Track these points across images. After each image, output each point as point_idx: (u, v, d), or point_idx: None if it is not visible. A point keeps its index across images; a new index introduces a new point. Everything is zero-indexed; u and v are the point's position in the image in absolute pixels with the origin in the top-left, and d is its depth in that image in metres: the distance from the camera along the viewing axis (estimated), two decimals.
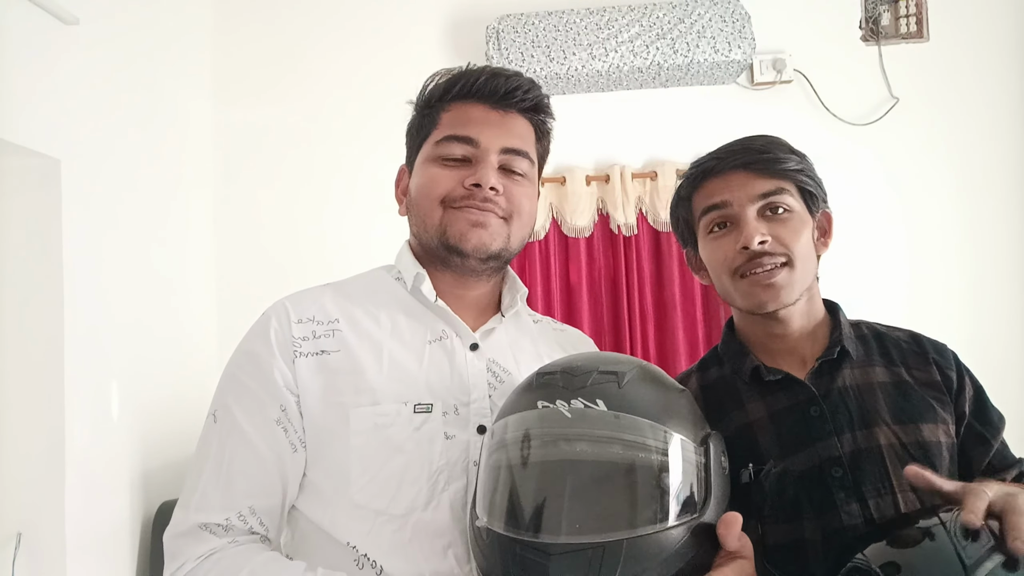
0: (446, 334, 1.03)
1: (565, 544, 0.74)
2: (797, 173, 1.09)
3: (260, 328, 1.00)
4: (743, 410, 1.09)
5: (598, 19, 2.64)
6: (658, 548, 0.75)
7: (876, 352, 1.10)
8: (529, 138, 1.08)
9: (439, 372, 1.00)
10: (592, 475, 0.77)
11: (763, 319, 1.09)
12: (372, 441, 0.93)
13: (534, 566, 0.74)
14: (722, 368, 1.15)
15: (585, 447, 0.78)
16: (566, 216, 2.78)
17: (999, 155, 2.80)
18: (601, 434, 0.79)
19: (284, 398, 0.95)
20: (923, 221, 2.79)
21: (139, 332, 2.23)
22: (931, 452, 1.01)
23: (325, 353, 0.98)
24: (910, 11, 2.83)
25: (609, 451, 0.78)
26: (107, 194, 2.11)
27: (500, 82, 1.03)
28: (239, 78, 2.87)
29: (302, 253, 2.76)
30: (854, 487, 1.00)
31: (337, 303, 1.03)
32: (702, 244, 1.14)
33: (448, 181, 1.01)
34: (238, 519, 0.92)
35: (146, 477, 2.23)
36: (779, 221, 1.06)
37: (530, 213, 1.07)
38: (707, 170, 1.11)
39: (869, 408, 1.04)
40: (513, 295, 1.12)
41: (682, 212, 1.17)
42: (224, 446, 0.94)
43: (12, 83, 1.76)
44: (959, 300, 2.73)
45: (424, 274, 1.04)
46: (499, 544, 0.79)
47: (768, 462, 1.04)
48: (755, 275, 1.05)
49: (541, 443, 0.81)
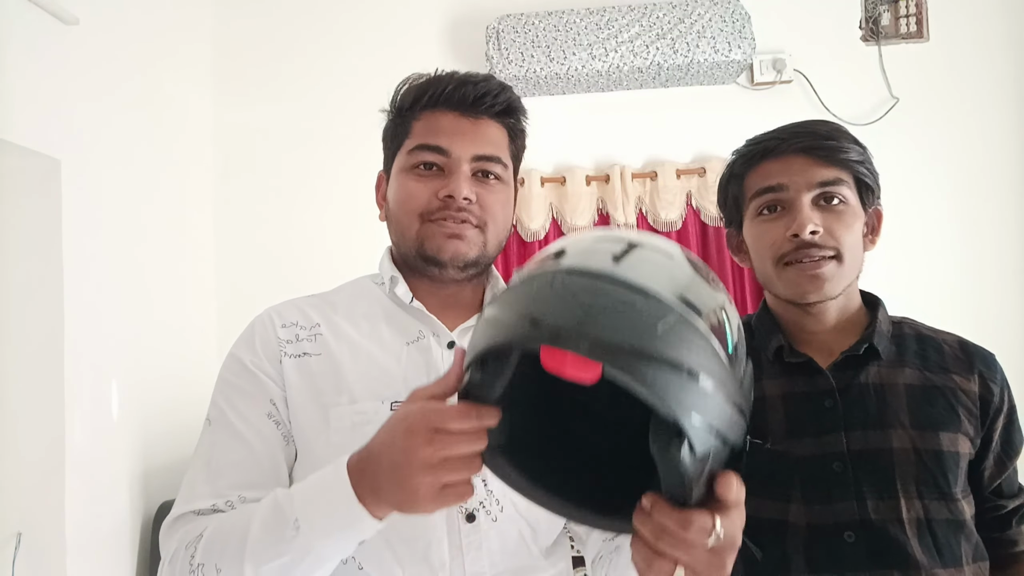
0: (423, 334, 1.04)
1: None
2: (858, 164, 1.06)
3: (246, 336, 1.03)
4: (758, 384, 1.07)
5: (598, 19, 2.63)
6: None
7: (911, 353, 1.07)
8: (502, 142, 1.07)
9: (416, 371, 1.00)
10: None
11: (798, 310, 1.08)
12: (351, 439, 0.91)
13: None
14: (751, 340, 1.13)
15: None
16: (566, 216, 2.78)
17: (999, 155, 2.80)
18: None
19: (273, 393, 0.98)
20: (923, 221, 2.78)
21: (139, 332, 2.23)
22: (945, 462, 1.00)
23: (307, 355, 1.00)
24: (910, 11, 2.83)
25: None
26: (107, 194, 2.11)
27: (469, 89, 1.03)
28: (239, 78, 2.87)
29: (302, 253, 2.76)
30: (854, 485, 0.99)
31: (318, 310, 1.06)
32: (749, 225, 1.11)
33: (423, 194, 1.02)
34: (225, 504, 0.92)
35: (146, 477, 2.23)
36: (833, 212, 1.04)
37: (505, 217, 1.07)
38: (767, 150, 1.08)
39: (888, 409, 1.02)
40: (495, 294, 1.10)
41: (733, 189, 1.14)
42: (215, 444, 0.96)
43: (12, 83, 1.76)
44: (958, 300, 2.72)
45: (399, 277, 1.06)
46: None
47: (767, 440, 1.04)
48: (801, 264, 1.03)
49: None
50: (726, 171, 1.15)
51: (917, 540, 0.98)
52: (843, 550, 0.98)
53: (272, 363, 0.99)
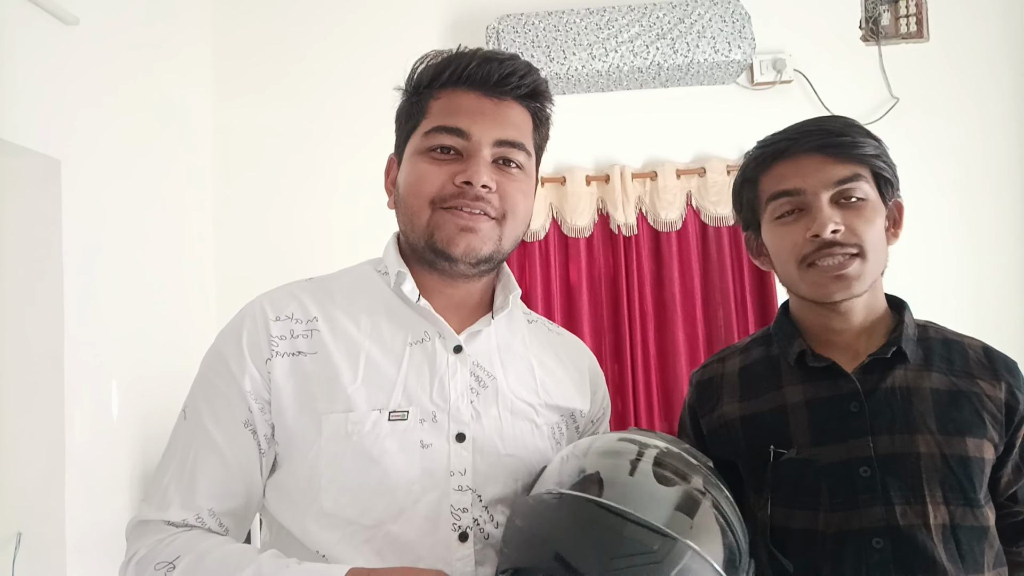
0: (428, 336, 0.97)
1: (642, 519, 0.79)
2: (874, 159, 1.04)
3: (234, 330, 0.96)
4: (780, 391, 1.06)
5: (598, 19, 2.63)
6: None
7: (937, 357, 1.05)
8: (526, 127, 0.99)
9: (418, 376, 0.94)
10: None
11: (823, 309, 1.06)
12: (344, 449, 0.90)
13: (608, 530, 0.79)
14: (769, 349, 1.12)
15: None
16: (566, 216, 2.78)
17: (999, 155, 2.80)
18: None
19: (252, 399, 0.93)
20: (923, 221, 2.78)
21: (139, 332, 2.23)
22: (971, 467, 0.98)
23: (301, 354, 0.94)
24: (910, 11, 2.83)
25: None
26: (107, 194, 2.11)
27: (494, 67, 0.95)
28: (239, 78, 2.87)
29: (302, 253, 2.76)
30: (881, 490, 0.98)
31: (317, 301, 0.98)
32: (767, 229, 1.08)
33: (437, 179, 0.94)
34: (195, 520, 0.91)
35: (146, 477, 2.23)
36: (853, 209, 1.01)
37: (525, 210, 0.99)
38: (778, 151, 1.05)
39: (915, 413, 1.00)
40: (506, 295, 1.04)
41: (747, 194, 1.11)
42: (189, 447, 0.93)
43: (12, 83, 1.76)
44: (958, 300, 2.72)
45: (406, 272, 0.98)
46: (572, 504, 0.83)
47: (792, 448, 1.02)
48: (825, 264, 1.01)
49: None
50: (739, 175, 1.13)
51: (943, 546, 0.96)
52: (872, 557, 0.97)
53: (257, 363, 0.93)
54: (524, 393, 1.01)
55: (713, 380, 1.17)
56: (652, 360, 2.73)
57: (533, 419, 1.00)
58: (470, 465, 0.92)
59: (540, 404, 1.02)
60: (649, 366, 2.72)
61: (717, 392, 1.15)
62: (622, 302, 2.74)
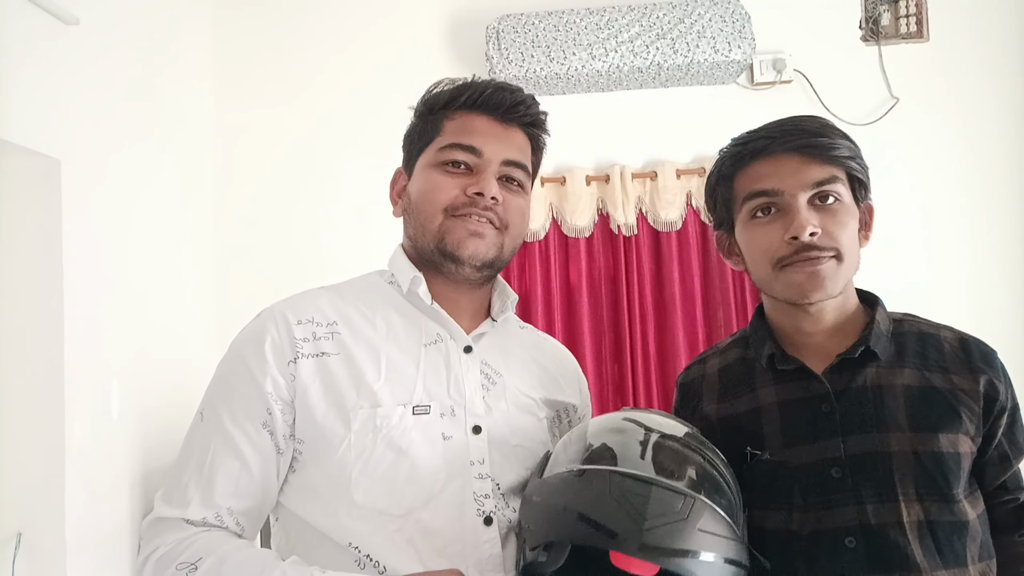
0: (441, 337, 1.06)
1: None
2: (850, 160, 1.03)
3: (255, 334, 1.01)
4: (754, 393, 1.07)
5: (598, 19, 2.63)
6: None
7: (911, 353, 1.05)
8: (527, 151, 1.12)
9: (435, 374, 1.03)
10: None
11: (794, 311, 1.06)
12: (373, 442, 0.96)
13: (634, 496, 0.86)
14: (746, 350, 1.13)
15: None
16: (566, 216, 2.78)
17: (999, 155, 2.80)
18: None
19: (273, 401, 0.97)
20: (923, 221, 2.79)
21: (139, 332, 2.23)
22: (945, 463, 0.98)
23: (325, 355, 1.00)
24: (910, 11, 2.83)
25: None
26: (107, 194, 2.11)
27: (505, 96, 1.08)
28: (239, 79, 2.87)
29: (302, 254, 2.76)
30: (852, 490, 0.98)
31: (334, 305, 1.06)
32: (741, 228, 1.08)
33: (451, 189, 1.04)
34: (215, 518, 0.95)
35: (146, 477, 2.23)
36: (829, 212, 1.01)
37: (522, 225, 1.11)
38: (756, 150, 1.04)
39: (886, 411, 1.00)
40: (504, 301, 1.15)
41: (722, 192, 1.10)
42: (208, 447, 0.97)
43: (12, 83, 1.76)
44: (959, 300, 2.72)
45: (421, 277, 1.07)
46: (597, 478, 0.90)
47: (766, 449, 1.03)
48: (801, 264, 1.00)
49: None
50: (713, 172, 1.12)
51: (918, 543, 0.97)
52: (845, 556, 0.98)
53: (281, 367, 0.98)
54: (526, 389, 1.12)
55: (695, 382, 1.19)
56: (652, 360, 2.73)
57: (535, 412, 1.11)
58: (487, 455, 1.01)
59: (540, 399, 1.13)
60: (649, 366, 2.72)
61: (698, 394, 1.17)
62: (622, 302, 2.75)
